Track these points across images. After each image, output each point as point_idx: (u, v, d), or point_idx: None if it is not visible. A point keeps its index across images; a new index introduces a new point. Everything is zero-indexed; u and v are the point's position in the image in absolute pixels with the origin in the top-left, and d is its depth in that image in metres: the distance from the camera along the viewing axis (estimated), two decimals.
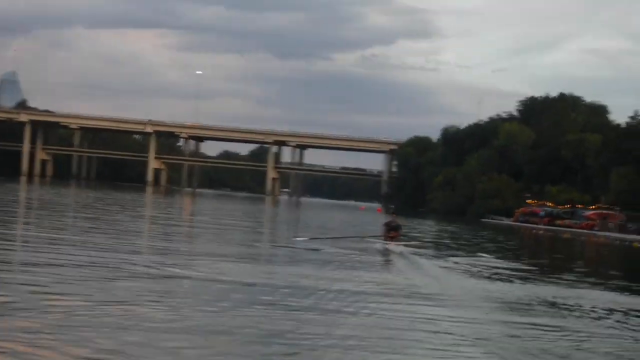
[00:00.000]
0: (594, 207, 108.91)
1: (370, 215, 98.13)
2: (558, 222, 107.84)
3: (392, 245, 30.34)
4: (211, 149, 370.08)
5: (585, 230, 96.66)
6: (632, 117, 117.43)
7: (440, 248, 37.31)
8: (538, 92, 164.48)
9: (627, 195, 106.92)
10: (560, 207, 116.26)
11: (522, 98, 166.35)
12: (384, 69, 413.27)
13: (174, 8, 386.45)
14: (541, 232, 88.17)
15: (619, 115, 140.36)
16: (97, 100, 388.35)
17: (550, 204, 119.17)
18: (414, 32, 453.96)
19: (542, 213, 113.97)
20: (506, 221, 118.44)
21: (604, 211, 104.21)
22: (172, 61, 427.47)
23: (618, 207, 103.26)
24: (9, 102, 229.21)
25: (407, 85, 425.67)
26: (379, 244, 31.17)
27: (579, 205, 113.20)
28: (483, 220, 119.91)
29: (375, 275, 21.32)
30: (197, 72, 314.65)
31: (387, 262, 26.71)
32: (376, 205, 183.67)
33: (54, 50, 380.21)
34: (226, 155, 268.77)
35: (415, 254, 28.96)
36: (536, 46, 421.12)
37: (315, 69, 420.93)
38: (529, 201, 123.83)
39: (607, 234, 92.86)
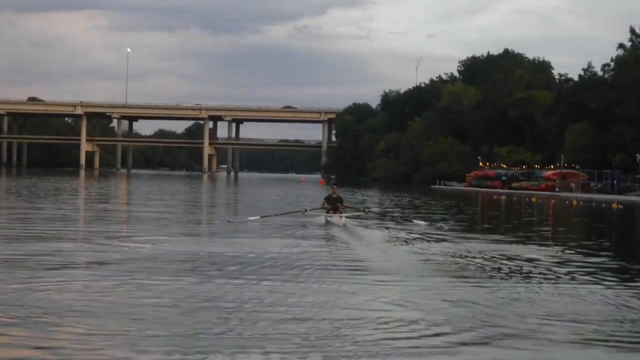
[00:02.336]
0: (552, 167, 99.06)
1: (312, 188, 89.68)
2: (514, 184, 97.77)
3: (335, 217, 28.08)
4: (146, 128, 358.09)
5: (546, 192, 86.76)
6: (585, 70, 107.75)
7: (387, 218, 33.88)
8: (474, 54, 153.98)
9: (583, 153, 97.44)
10: (516, 168, 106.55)
11: (461, 59, 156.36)
12: (316, 40, 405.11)
13: None
14: (498, 196, 78.04)
15: (561, 72, 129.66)
16: (29, 85, 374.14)
17: (504, 166, 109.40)
18: (344, 0, 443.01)
19: (497, 176, 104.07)
20: (458, 186, 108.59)
21: (564, 170, 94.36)
22: (103, 42, 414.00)
23: (578, 166, 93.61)
24: None
25: (341, 54, 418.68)
26: (321, 217, 28.85)
27: (537, 166, 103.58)
28: (433, 186, 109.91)
29: (316, 249, 19.37)
30: (128, 49, 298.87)
31: (330, 234, 24.33)
32: (317, 177, 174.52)
33: None
34: (161, 134, 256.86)
35: (359, 225, 27.44)
36: (467, 9, 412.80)
37: (247, 42, 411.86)
38: (481, 164, 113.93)
39: (571, 194, 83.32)
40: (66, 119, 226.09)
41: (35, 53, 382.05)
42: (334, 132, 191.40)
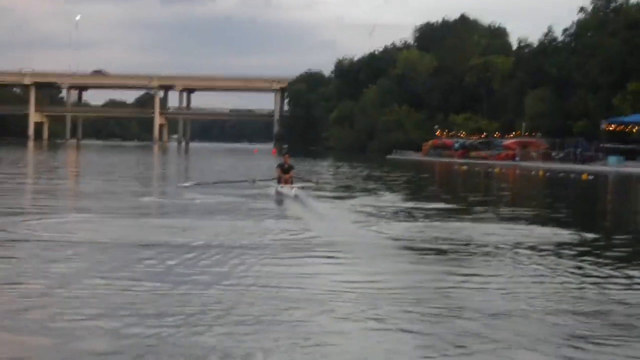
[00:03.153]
0: (512, 135, 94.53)
1: (264, 158, 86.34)
2: (473, 153, 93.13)
3: (286, 188, 27.59)
4: (96, 98, 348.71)
5: (506, 162, 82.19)
6: (545, 34, 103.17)
7: (342, 189, 33.59)
8: (429, 21, 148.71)
9: (544, 120, 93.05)
10: (474, 137, 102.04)
11: (416, 26, 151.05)
12: (266, 8, 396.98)
13: None
14: (458, 166, 73.44)
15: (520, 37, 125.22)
16: None
17: (462, 134, 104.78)
18: None
19: (456, 145, 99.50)
20: (414, 156, 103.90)
21: (524, 139, 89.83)
22: (51, 11, 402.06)
23: (539, 134, 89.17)
24: None
25: (292, 23, 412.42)
26: (271, 188, 28.59)
27: (497, 135, 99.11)
28: (388, 156, 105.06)
29: (266, 224, 18.09)
30: (77, 17, 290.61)
31: (281, 207, 24.15)
32: (270, 146, 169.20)
33: None
34: (112, 103, 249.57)
35: (311, 196, 26.30)
36: None
37: (197, 12, 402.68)
38: (438, 132, 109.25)
39: (532, 164, 78.90)
40: (13, 89, 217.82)
41: None
42: (286, 100, 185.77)
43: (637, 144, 77.83)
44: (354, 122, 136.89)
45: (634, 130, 79.03)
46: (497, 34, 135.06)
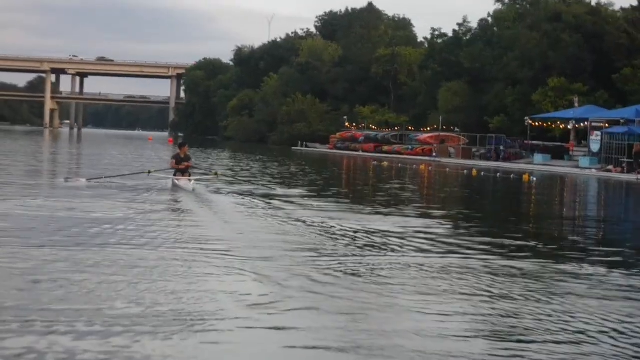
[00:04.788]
0: (427, 129, 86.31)
1: (159, 147, 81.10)
2: (385, 148, 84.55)
3: (183, 181, 24.95)
4: None
5: (423, 158, 74.11)
6: (460, 25, 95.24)
7: (243, 182, 30.66)
8: (320, 13, 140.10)
9: (459, 114, 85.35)
10: (386, 130, 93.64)
11: (319, 14, 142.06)
12: None
13: None
14: (377, 161, 65.14)
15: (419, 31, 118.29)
16: None
17: (373, 127, 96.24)
18: None
19: (361, 138, 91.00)
20: (321, 149, 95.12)
21: (442, 134, 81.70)
22: None
23: (457, 129, 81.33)
24: None
25: (190, 10, 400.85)
26: (167, 180, 25.89)
27: (410, 128, 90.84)
28: (294, 148, 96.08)
29: (160, 221, 16.53)
30: None
31: (176, 201, 21.59)
32: (165, 134, 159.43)
33: None
34: (1, 86, 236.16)
35: (210, 190, 24.59)
36: None
37: None
38: (347, 124, 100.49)
39: (451, 160, 71.19)
40: None
41: None
42: (182, 88, 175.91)
43: (562, 142, 71.43)
44: (254, 111, 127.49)
45: (562, 127, 71.83)
46: (402, 26, 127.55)
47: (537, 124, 72.73)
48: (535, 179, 47.79)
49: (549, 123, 73.13)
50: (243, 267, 11.38)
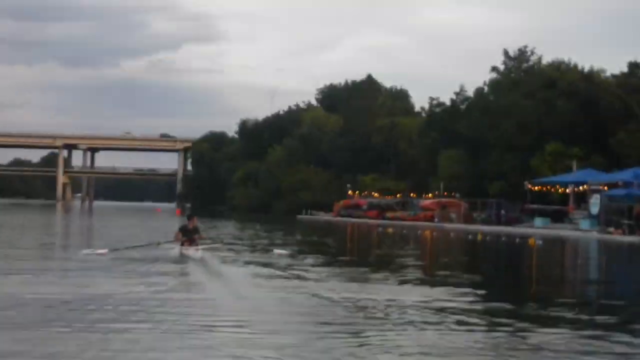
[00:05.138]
0: (428, 195, 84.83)
1: (168, 218, 79.65)
2: (389, 214, 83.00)
3: (191, 251, 24.01)
4: (1, 157, 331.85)
5: (425, 223, 72.55)
6: (457, 94, 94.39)
7: (249, 251, 29.28)
8: (332, 82, 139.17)
9: (458, 181, 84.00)
10: (388, 197, 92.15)
11: (319, 87, 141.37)
12: (171, 74, 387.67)
13: None
14: (383, 228, 63.55)
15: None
16: None
17: (376, 195, 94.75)
18: (198, 36, 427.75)
19: (365, 206, 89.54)
20: (325, 216, 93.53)
21: (443, 199, 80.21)
22: None
23: (458, 194, 79.83)
24: None
25: (196, 88, 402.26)
26: (175, 250, 24.48)
27: (412, 195, 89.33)
28: (299, 216, 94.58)
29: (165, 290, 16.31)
30: None
31: (183, 271, 20.68)
32: (173, 205, 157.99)
33: None
34: (17, 162, 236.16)
35: (218, 260, 23.33)
36: (314, 46, 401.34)
37: (104, 76, 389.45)
38: (350, 192, 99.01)
39: (452, 225, 69.60)
40: None
41: None
42: (189, 160, 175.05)
43: (561, 205, 69.88)
44: (258, 182, 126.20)
45: (560, 191, 70.35)
46: (399, 96, 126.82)
47: (536, 188, 71.26)
48: (541, 242, 46.35)
49: (548, 187, 71.67)
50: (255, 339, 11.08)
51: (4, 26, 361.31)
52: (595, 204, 61.22)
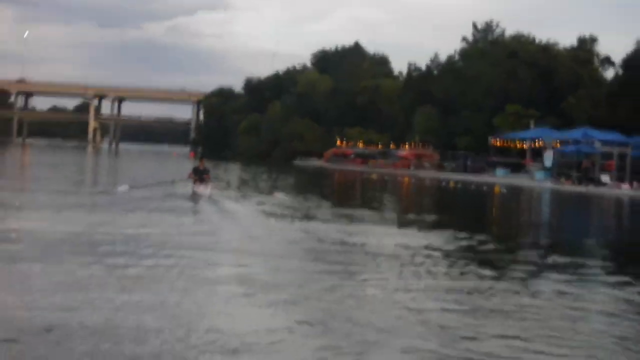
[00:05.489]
0: (405, 146, 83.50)
1: (182, 160, 78.12)
2: (371, 162, 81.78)
3: (201, 189, 23.09)
4: (41, 104, 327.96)
5: (402, 170, 71.39)
6: (431, 60, 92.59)
7: (250, 190, 28.86)
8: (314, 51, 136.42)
9: (431, 135, 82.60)
10: (371, 147, 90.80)
11: (313, 52, 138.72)
12: (186, 37, 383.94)
13: None
14: (367, 174, 62.46)
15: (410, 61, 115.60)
16: None
17: (360, 145, 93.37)
18: (211, 4, 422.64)
19: (352, 155, 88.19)
20: (317, 162, 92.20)
21: (419, 151, 78.98)
22: (9, 31, 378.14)
23: (431, 147, 78.59)
24: None
25: (208, 50, 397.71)
26: (188, 188, 23.45)
27: (392, 146, 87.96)
28: (295, 162, 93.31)
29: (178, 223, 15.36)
30: (26, 32, 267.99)
31: (195, 207, 19.93)
32: (187, 150, 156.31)
33: None
34: (54, 109, 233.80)
35: (224, 197, 22.71)
36: (310, 16, 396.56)
37: (129, 37, 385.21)
38: (338, 142, 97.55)
39: (426, 173, 68.45)
40: None
41: None
42: (201, 111, 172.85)
43: (519, 158, 68.77)
44: (260, 132, 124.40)
45: (518, 146, 69.22)
46: (381, 62, 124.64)
47: (498, 143, 70.16)
48: (505, 190, 45.61)
49: (508, 143, 70.52)
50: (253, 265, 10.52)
51: None
52: (548, 158, 60.25)
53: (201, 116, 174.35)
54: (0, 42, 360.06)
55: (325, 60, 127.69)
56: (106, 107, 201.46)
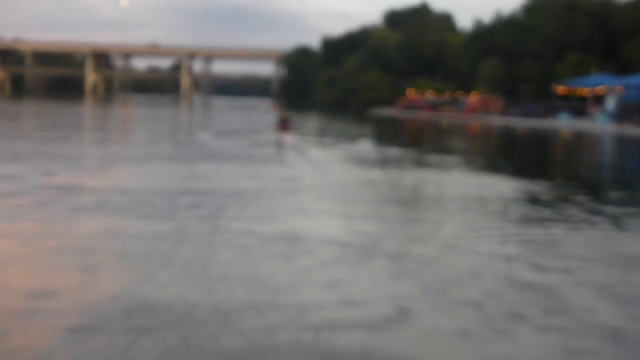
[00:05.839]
0: (474, 94, 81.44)
1: (266, 111, 76.22)
2: (440, 109, 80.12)
3: (286, 137, 22.56)
4: (139, 63, 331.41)
5: (471, 117, 69.61)
6: (496, 15, 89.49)
7: (331, 138, 26.81)
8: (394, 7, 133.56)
9: (495, 84, 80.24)
10: (439, 96, 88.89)
11: (385, 11, 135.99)
12: (267, 1, 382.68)
13: None
14: (435, 120, 61.02)
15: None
16: (53, 31, 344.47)
17: (429, 94, 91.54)
18: None
19: (423, 103, 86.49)
20: (389, 111, 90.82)
21: (484, 98, 76.94)
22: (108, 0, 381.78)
23: (497, 94, 76.40)
24: None
25: (288, 12, 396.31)
26: (274, 136, 23.26)
27: (459, 94, 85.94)
28: (368, 111, 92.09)
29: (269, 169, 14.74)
30: (123, 3, 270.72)
31: (280, 154, 18.87)
32: (269, 101, 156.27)
33: None
34: (151, 68, 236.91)
35: (306, 143, 21.88)
36: None
37: (215, 3, 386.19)
38: (408, 92, 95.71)
39: (492, 117, 66.56)
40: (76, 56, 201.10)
41: (58, 7, 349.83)
42: (282, 67, 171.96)
43: (580, 104, 66.10)
44: (336, 84, 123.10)
45: (579, 92, 66.63)
46: (446, 18, 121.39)
47: (560, 89, 67.67)
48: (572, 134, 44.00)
49: (570, 89, 67.91)
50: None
51: None
52: (611, 102, 57.77)
53: (282, 71, 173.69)
54: (101, 10, 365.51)
55: (395, 18, 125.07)
56: (196, 66, 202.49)
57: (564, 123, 58.21)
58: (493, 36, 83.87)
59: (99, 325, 4.81)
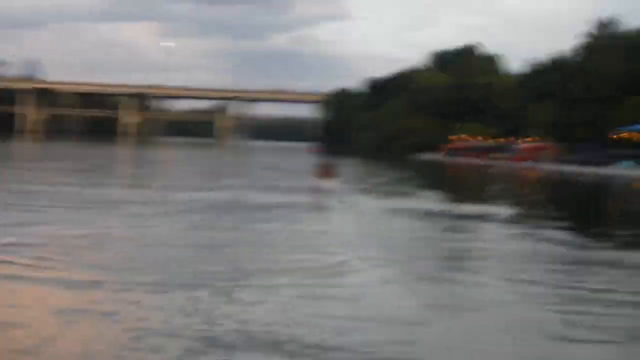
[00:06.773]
0: (527, 139, 77.26)
1: (305, 155, 78.33)
2: (489, 155, 76.04)
3: (325, 183, 21.85)
4: (180, 105, 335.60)
5: (523, 164, 65.50)
6: (552, 56, 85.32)
7: (377, 186, 27.83)
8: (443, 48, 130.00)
9: (548, 129, 76.13)
10: (490, 140, 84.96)
11: (434, 51, 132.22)
12: (309, 45, 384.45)
13: (153, 4, 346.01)
14: (489, 167, 57.14)
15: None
16: (97, 75, 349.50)
17: (479, 138, 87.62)
18: (330, 16, 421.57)
19: (471, 148, 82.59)
20: (434, 156, 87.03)
21: (538, 143, 72.78)
22: (150, 45, 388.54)
23: (552, 140, 72.31)
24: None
25: (327, 57, 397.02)
26: (316, 182, 22.21)
27: (511, 139, 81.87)
28: (413, 156, 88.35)
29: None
30: (171, 45, 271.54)
31: (321, 204, 19.09)
32: (307, 145, 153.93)
33: (68, 40, 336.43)
34: (191, 110, 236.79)
35: (353, 192, 22.15)
36: (418, 24, 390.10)
37: (255, 47, 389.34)
38: (454, 137, 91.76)
39: (548, 165, 62.46)
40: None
41: (104, 53, 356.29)
42: (322, 109, 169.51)
43: None
44: (378, 127, 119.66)
45: None
46: (491, 60, 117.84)
47: (620, 135, 63.38)
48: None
49: (631, 134, 63.56)
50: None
51: (186, 8, 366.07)
52: None
53: (321, 114, 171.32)
54: (145, 53, 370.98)
55: (442, 60, 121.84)
56: (234, 108, 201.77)
57: (627, 172, 53.88)
58: (546, 78, 79.90)
59: None
